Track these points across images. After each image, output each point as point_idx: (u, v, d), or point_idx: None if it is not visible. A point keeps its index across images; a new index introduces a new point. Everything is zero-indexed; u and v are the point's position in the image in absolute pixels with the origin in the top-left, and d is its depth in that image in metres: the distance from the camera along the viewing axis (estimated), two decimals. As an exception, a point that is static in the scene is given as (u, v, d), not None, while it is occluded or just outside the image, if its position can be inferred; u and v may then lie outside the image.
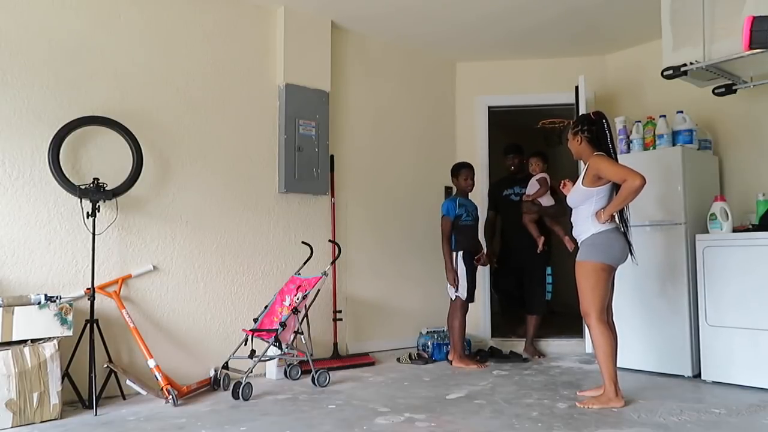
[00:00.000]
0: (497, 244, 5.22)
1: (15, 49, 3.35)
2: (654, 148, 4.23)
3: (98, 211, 3.40)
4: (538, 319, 4.92)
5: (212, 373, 3.71)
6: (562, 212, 4.87)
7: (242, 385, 3.40)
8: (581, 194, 3.32)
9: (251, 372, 3.48)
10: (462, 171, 4.65)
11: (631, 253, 3.34)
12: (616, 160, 3.33)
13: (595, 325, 3.22)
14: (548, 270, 4.94)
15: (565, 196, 3.54)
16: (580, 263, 3.29)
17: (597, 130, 3.33)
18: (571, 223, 3.44)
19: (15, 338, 3.01)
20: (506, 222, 5.13)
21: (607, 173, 3.21)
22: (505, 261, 5.13)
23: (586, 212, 3.30)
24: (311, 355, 3.89)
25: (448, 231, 4.53)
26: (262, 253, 4.25)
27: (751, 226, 3.87)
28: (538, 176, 4.88)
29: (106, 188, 3.44)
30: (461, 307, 4.52)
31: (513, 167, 5.17)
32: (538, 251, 4.80)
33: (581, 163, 4.58)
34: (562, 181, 3.60)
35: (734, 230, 3.82)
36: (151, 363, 3.37)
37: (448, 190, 5.40)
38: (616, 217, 3.29)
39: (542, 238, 4.80)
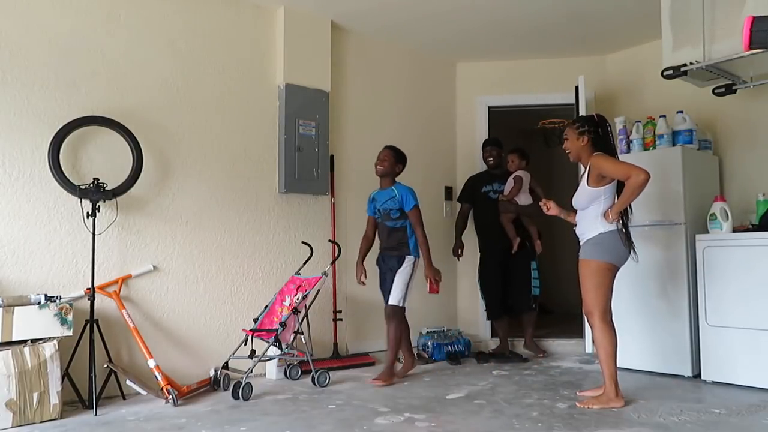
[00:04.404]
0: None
1: (15, 49, 3.35)
2: (654, 148, 4.23)
3: (98, 211, 3.40)
4: (532, 315, 4.85)
5: (212, 373, 3.71)
6: (540, 211, 4.86)
7: (242, 385, 3.40)
8: (588, 195, 3.30)
9: (251, 372, 3.48)
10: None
11: (633, 251, 3.31)
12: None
13: (599, 324, 3.22)
14: (533, 265, 4.87)
15: (537, 196, 3.43)
16: (585, 262, 3.28)
17: (603, 133, 3.35)
18: (565, 223, 3.44)
19: (15, 338, 3.01)
20: (485, 220, 4.94)
21: (610, 171, 3.21)
22: (486, 262, 4.95)
23: (594, 212, 3.28)
24: (311, 355, 3.89)
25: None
26: (262, 253, 4.25)
27: (751, 226, 3.87)
28: (514, 174, 4.82)
29: (106, 188, 3.44)
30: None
31: (491, 159, 4.95)
32: (513, 252, 4.74)
33: (581, 165, 4.59)
34: (544, 202, 3.52)
35: (734, 230, 3.82)
36: (151, 363, 3.37)
37: (448, 189, 5.40)
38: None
39: (518, 240, 4.74)
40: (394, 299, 3.92)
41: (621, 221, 3.29)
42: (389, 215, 4.01)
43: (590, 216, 3.31)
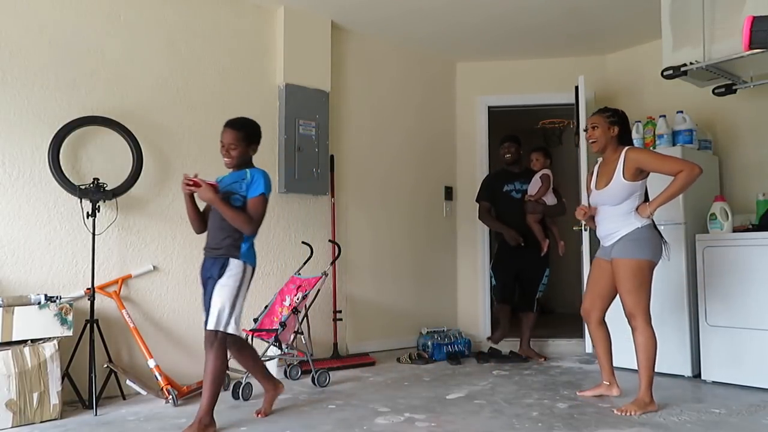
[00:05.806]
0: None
1: (15, 49, 3.35)
2: (654, 148, 4.23)
3: (98, 211, 3.40)
4: (531, 317, 4.76)
5: (212, 373, 3.70)
6: (564, 211, 4.80)
7: (242, 385, 3.40)
8: (625, 189, 3.13)
9: (251, 372, 3.48)
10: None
11: (666, 248, 3.21)
12: None
13: (642, 327, 3.10)
14: (546, 272, 4.78)
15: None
16: (624, 261, 3.11)
17: (627, 128, 3.32)
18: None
19: (15, 338, 3.01)
20: (508, 221, 4.77)
21: (655, 166, 3.10)
22: (504, 261, 4.85)
23: (627, 207, 3.15)
24: (311, 355, 3.89)
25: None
26: (262, 253, 4.20)
27: (751, 226, 3.87)
28: (540, 173, 4.70)
29: (106, 188, 3.45)
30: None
31: (509, 155, 4.85)
32: (542, 254, 4.65)
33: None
34: (582, 208, 3.37)
35: (734, 230, 3.82)
36: (151, 363, 3.37)
37: (448, 189, 5.40)
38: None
39: (547, 241, 4.64)
40: (213, 322, 2.82)
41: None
42: (229, 200, 2.89)
43: (622, 212, 3.16)
